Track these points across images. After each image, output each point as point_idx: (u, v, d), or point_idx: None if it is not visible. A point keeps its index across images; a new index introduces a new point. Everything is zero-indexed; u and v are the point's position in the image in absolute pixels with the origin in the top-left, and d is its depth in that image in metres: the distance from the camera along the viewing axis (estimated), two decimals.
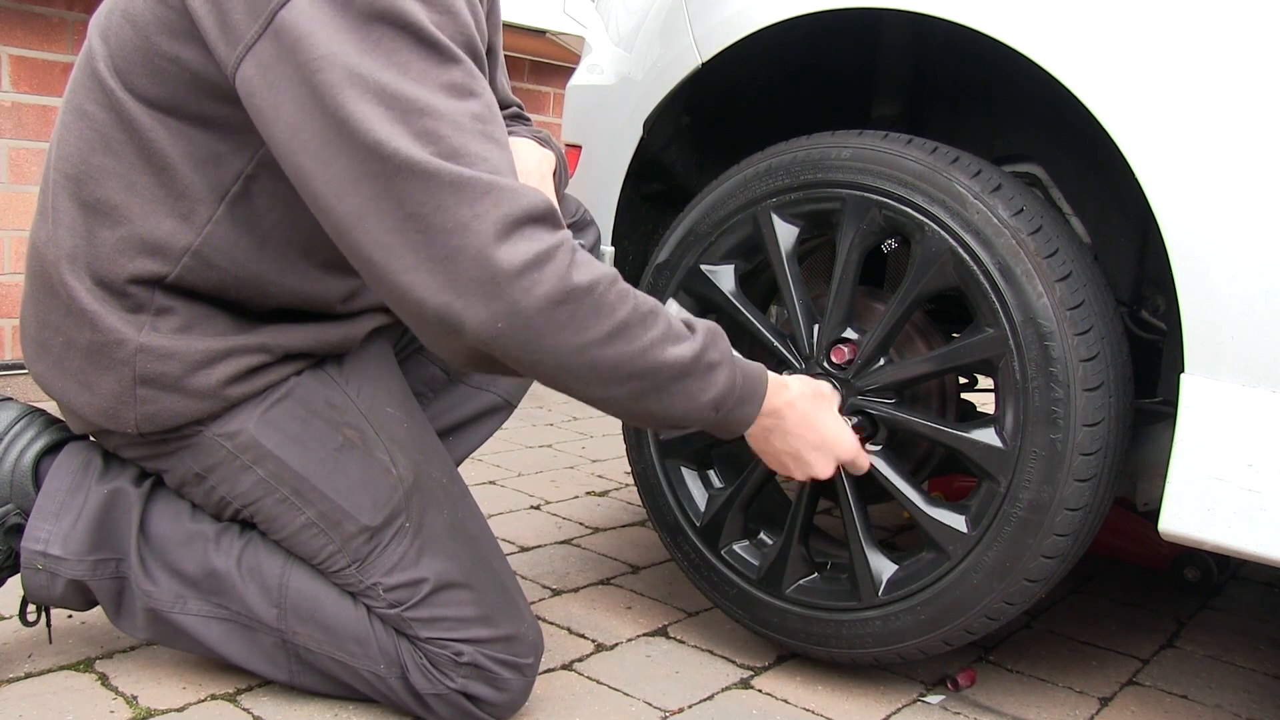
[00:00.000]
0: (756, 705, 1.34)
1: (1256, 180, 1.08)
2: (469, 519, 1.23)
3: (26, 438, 1.20)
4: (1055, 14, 1.18)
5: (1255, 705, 1.47)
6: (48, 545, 1.16)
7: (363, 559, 1.16)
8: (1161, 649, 1.64)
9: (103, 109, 1.08)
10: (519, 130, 1.37)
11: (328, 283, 1.17)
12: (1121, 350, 1.26)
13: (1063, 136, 1.47)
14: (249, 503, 1.17)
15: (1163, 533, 1.16)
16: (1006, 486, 1.24)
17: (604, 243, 1.63)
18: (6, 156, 2.60)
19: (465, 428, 1.47)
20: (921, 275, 1.28)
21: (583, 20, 3.45)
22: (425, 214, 0.92)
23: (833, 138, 1.36)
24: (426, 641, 1.16)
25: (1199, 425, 1.12)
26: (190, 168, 1.07)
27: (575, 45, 3.70)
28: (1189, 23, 1.11)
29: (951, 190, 1.25)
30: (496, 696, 1.18)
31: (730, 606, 1.46)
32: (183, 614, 1.18)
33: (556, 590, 1.67)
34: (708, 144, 1.70)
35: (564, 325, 0.96)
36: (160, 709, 1.19)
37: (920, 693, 1.41)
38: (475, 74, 0.98)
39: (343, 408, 1.18)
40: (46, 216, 1.13)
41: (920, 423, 1.32)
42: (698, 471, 1.51)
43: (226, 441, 1.14)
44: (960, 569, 1.27)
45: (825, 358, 1.36)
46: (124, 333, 1.09)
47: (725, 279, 1.45)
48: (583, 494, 2.25)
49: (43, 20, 2.60)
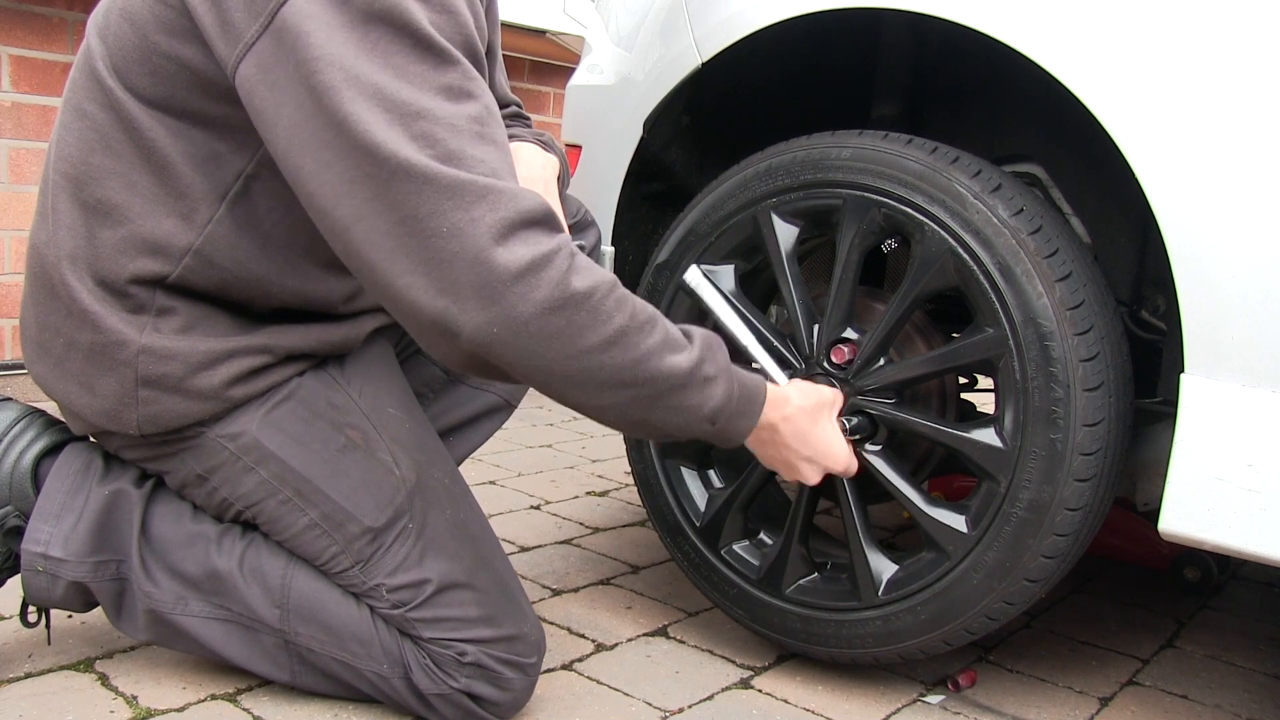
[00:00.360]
0: (756, 705, 1.34)
1: (1256, 180, 1.08)
2: (471, 519, 1.23)
3: (26, 439, 1.19)
4: (1055, 14, 1.18)
5: (1255, 705, 1.47)
6: (48, 547, 1.16)
7: (366, 560, 1.16)
8: (1161, 649, 1.64)
9: (102, 109, 1.08)
10: (521, 133, 1.37)
11: (329, 283, 1.17)
12: (1121, 350, 1.26)
13: (1063, 136, 1.48)
14: (251, 504, 1.17)
15: (1163, 533, 1.16)
16: (1006, 486, 1.24)
17: (604, 243, 1.63)
18: (6, 156, 2.60)
19: (466, 428, 1.47)
20: (921, 275, 1.28)
21: (583, 20, 3.45)
22: (421, 217, 0.92)
23: (833, 138, 1.36)
24: (430, 642, 1.16)
25: (1199, 425, 1.13)
26: (190, 167, 1.07)
27: (575, 45, 3.70)
28: (1188, 23, 1.11)
29: (951, 190, 1.25)
30: (499, 696, 1.18)
31: (730, 606, 1.46)
32: (184, 615, 1.18)
33: (556, 590, 1.67)
34: (708, 144, 1.70)
35: (560, 331, 0.95)
36: (160, 709, 1.19)
37: (920, 693, 1.41)
38: (473, 75, 0.98)
39: (345, 408, 1.18)
40: (46, 217, 1.13)
41: (920, 423, 1.32)
42: (698, 471, 1.51)
43: (229, 443, 1.14)
44: (960, 569, 1.27)
45: (825, 358, 1.36)
46: (125, 334, 1.09)
47: (725, 279, 1.45)
48: (583, 494, 2.25)
49: (43, 20, 2.60)
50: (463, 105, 0.96)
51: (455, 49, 0.97)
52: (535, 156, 1.33)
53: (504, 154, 0.98)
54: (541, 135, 1.39)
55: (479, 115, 0.97)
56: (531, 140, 1.36)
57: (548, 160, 1.35)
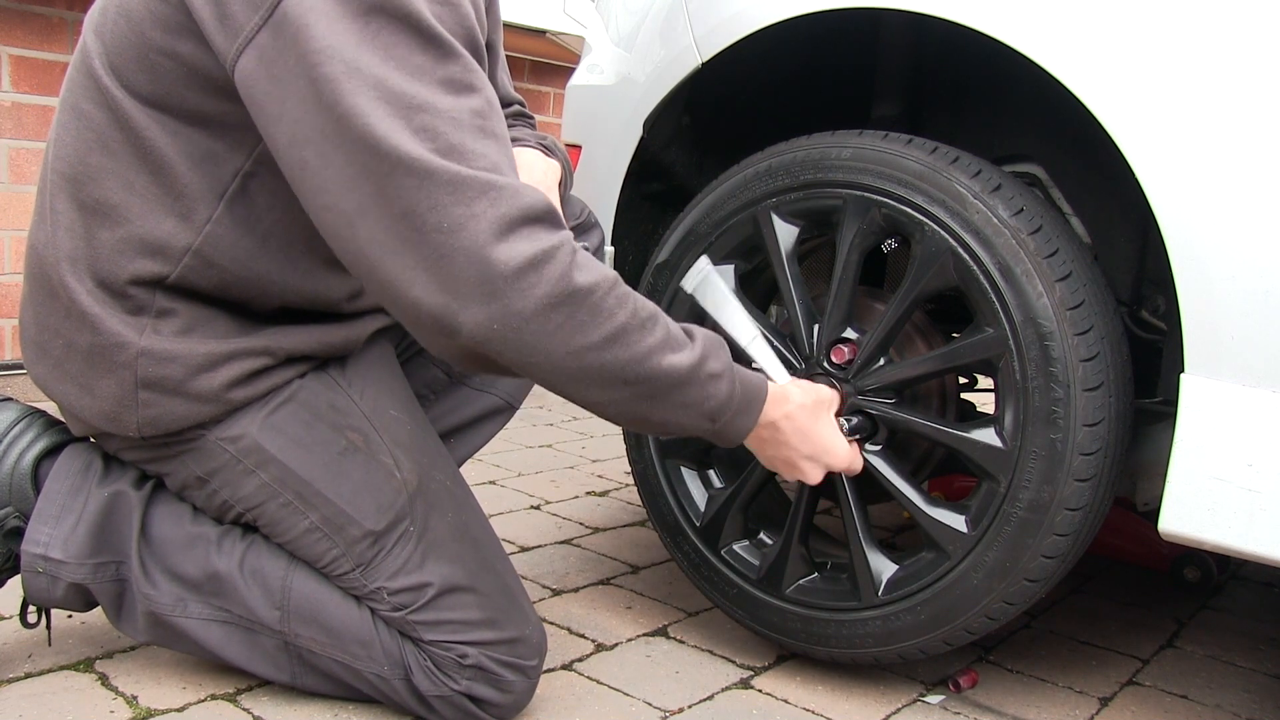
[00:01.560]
0: (756, 705, 1.34)
1: (1256, 180, 1.08)
2: (473, 522, 1.23)
3: (26, 440, 1.19)
4: (1055, 14, 1.18)
5: (1255, 705, 1.47)
6: (48, 549, 1.16)
7: (367, 563, 1.16)
8: (1161, 649, 1.64)
9: (99, 107, 1.07)
10: (523, 136, 1.37)
11: (331, 280, 1.17)
12: (1121, 350, 1.26)
13: (1063, 136, 1.47)
14: (252, 507, 1.17)
15: (1163, 533, 1.16)
16: (1006, 486, 1.24)
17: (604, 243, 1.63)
18: (6, 156, 2.60)
19: (467, 430, 1.47)
20: (921, 275, 1.28)
21: (583, 20, 3.45)
22: (421, 212, 0.91)
23: (833, 138, 1.36)
24: (431, 644, 1.16)
25: (1199, 425, 1.13)
26: (188, 166, 1.07)
27: (575, 45, 3.70)
28: (1189, 22, 1.11)
29: (951, 190, 1.25)
30: (500, 698, 1.18)
31: (730, 606, 1.47)
32: (183, 617, 1.18)
33: (556, 590, 1.67)
34: (708, 144, 1.70)
35: (560, 327, 0.95)
36: (160, 709, 1.19)
37: (920, 693, 1.41)
38: (474, 68, 0.98)
39: (346, 411, 1.18)
40: (45, 218, 1.12)
41: (920, 423, 1.32)
42: (698, 471, 1.51)
43: (229, 445, 1.14)
44: (960, 569, 1.27)
45: (825, 357, 1.36)
46: (125, 336, 1.09)
47: (725, 279, 1.44)
48: (583, 494, 2.25)
49: (43, 20, 2.60)
50: (464, 98, 0.95)
51: (457, 41, 0.96)
52: (537, 162, 1.33)
53: (505, 148, 0.97)
54: (544, 139, 1.38)
55: (480, 109, 0.96)
56: (534, 144, 1.36)
57: (550, 166, 1.34)
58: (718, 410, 1.08)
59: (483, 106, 0.97)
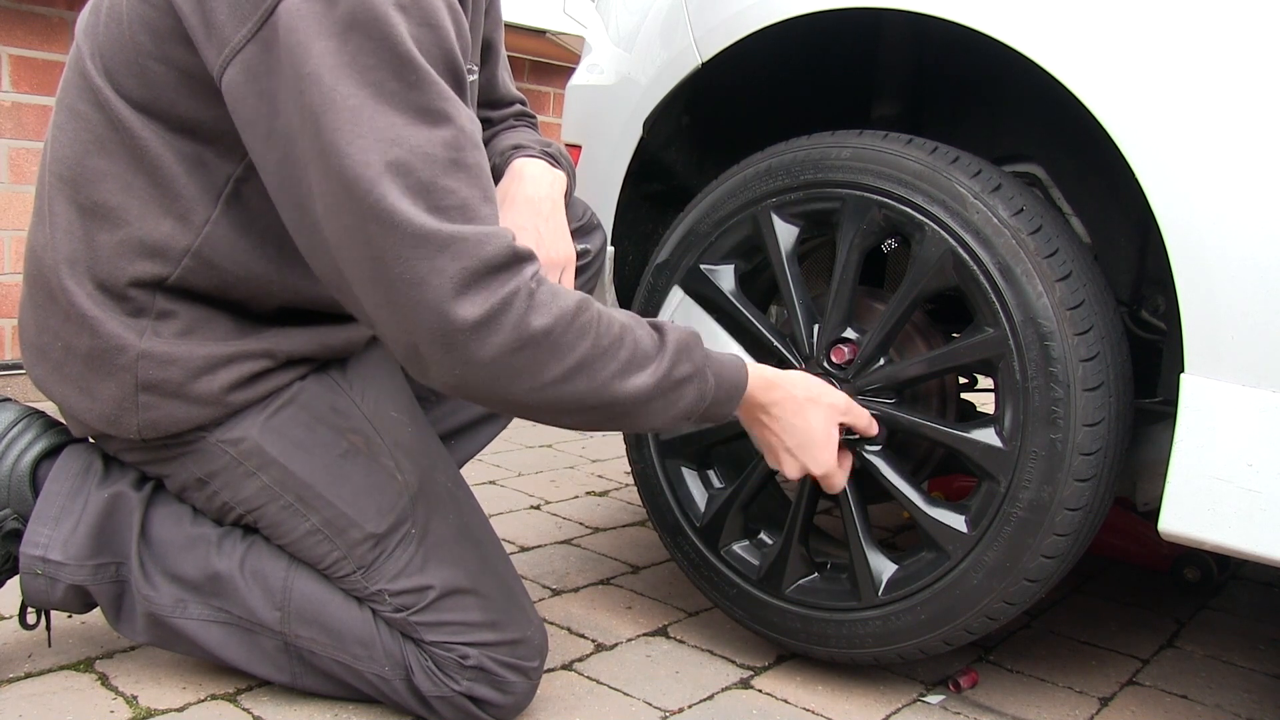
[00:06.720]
0: (756, 705, 1.34)
1: (1256, 180, 1.07)
2: (474, 523, 1.23)
3: (25, 441, 1.19)
4: (1055, 14, 1.18)
5: (1255, 705, 1.47)
6: (47, 550, 1.16)
7: (368, 565, 1.16)
8: (1161, 649, 1.64)
9: (94, 109, 1.07)
10: (529, 143, 1.36)
11: None
12: (1121, 350, 1.26)
13: (1063, 136, 1.47)
14: (252, 509, 1.16)
15: (1163, 533, 1.16)
16: (1006, 486, 1.24)
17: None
18: (6, 156, 2.60)
19: (467, 432, 1.47)
20: (921, 275, 1.28)
21: (583, 20, 3.45)
22: (389, 262, 0.94)
23: (833, 138, 1.36)
24: (432, 645, 1.16)
25: (1199, 425, 1.12)
26: (183, 170, 1.07)
27: (575, 45, 3.70)
28: (1189, 23, 1.11)
29: (951, 190, 1.25)
30: (501, 699, 1.18)
31: (730, 606, 1.46)
32: (183, 618, 1.18)
33: (556, 590, 1.67)
34: (708, 144, 1.70)
35: (523, 368, 0.98)
36: (160, 709, 1.20)
37: (920, 693, 1.41)
38: (449, 95, 0.98)
39: (347, 413, 1.18)
40: (44, 220, 1.12)
41: (920, 423, 1.32)
42: (698, 471, 1.51)
43: (230, 448, 1.14)
44: (960, 569, 1.27)
45: (825, 358, 1.36)
46: (124, 338, 1.09)
47: (725, 279, 1.45)
48: (583, 494, 2.25)
49: (43, 20, 2.60)
50: (438, 129, 0.96)
51: (434, 66, 0.97)
52: (543, 174, 1.33)
53: (477, 179, 0.99)
54: (549, 147, 1.38)
55: (452, 140, 0.97)
56: (538, 154, 1.35)
57: (555, 177, 1.34)
58: (690, 409, 1.11)
59: (455, 137, 0.97)
